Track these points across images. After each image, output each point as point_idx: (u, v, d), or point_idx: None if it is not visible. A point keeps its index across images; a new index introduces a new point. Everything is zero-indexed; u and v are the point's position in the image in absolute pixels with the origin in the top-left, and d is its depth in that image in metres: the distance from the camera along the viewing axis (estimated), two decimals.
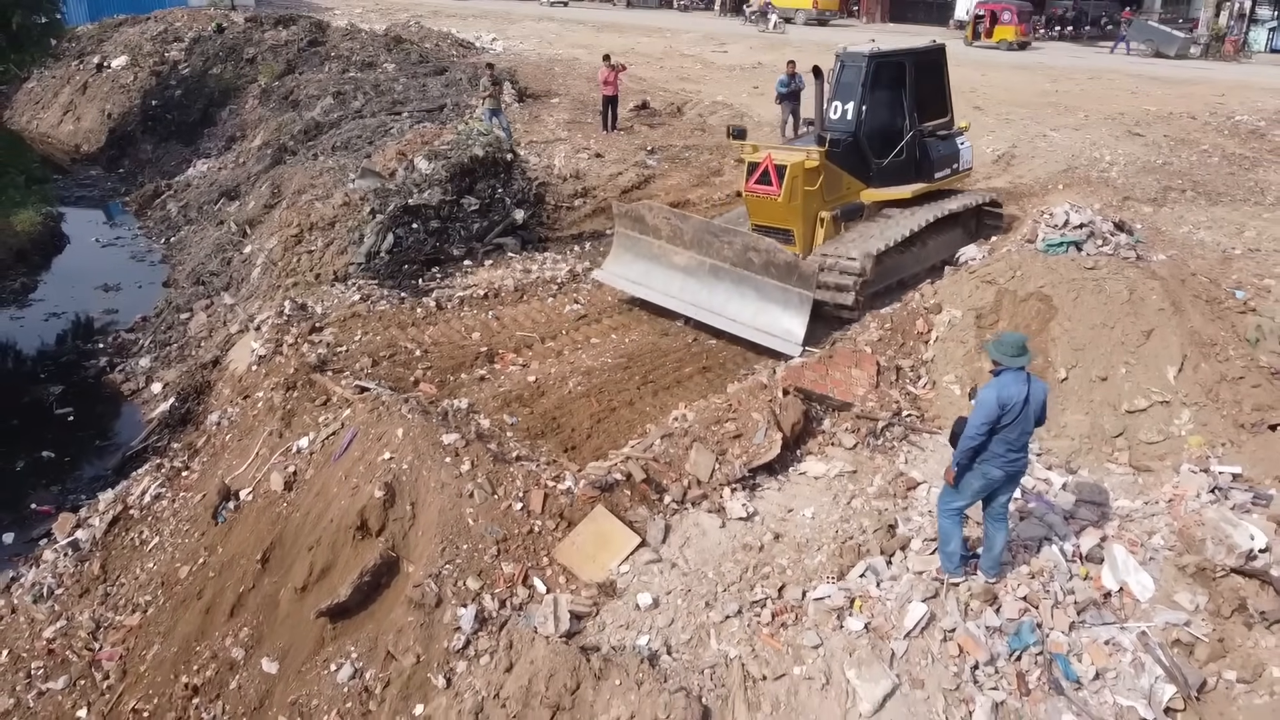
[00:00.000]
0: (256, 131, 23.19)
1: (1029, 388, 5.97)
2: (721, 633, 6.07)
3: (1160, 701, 5.65)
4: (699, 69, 30.04)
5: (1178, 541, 6.75)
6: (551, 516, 6.87)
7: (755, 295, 10.42)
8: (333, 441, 7.85)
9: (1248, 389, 8.02)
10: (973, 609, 6.00)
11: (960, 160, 12.85)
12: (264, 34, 29.90)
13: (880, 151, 11.96)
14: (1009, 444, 5.98)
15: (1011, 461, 6.04)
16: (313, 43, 29.12)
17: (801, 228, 11.25)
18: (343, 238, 13.63)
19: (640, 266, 11.59)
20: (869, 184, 11.95)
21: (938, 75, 12.75)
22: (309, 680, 6.55)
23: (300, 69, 26.99)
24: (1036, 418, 6.08)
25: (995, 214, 13.13)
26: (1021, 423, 5.95)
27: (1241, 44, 36.13)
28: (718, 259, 10.78)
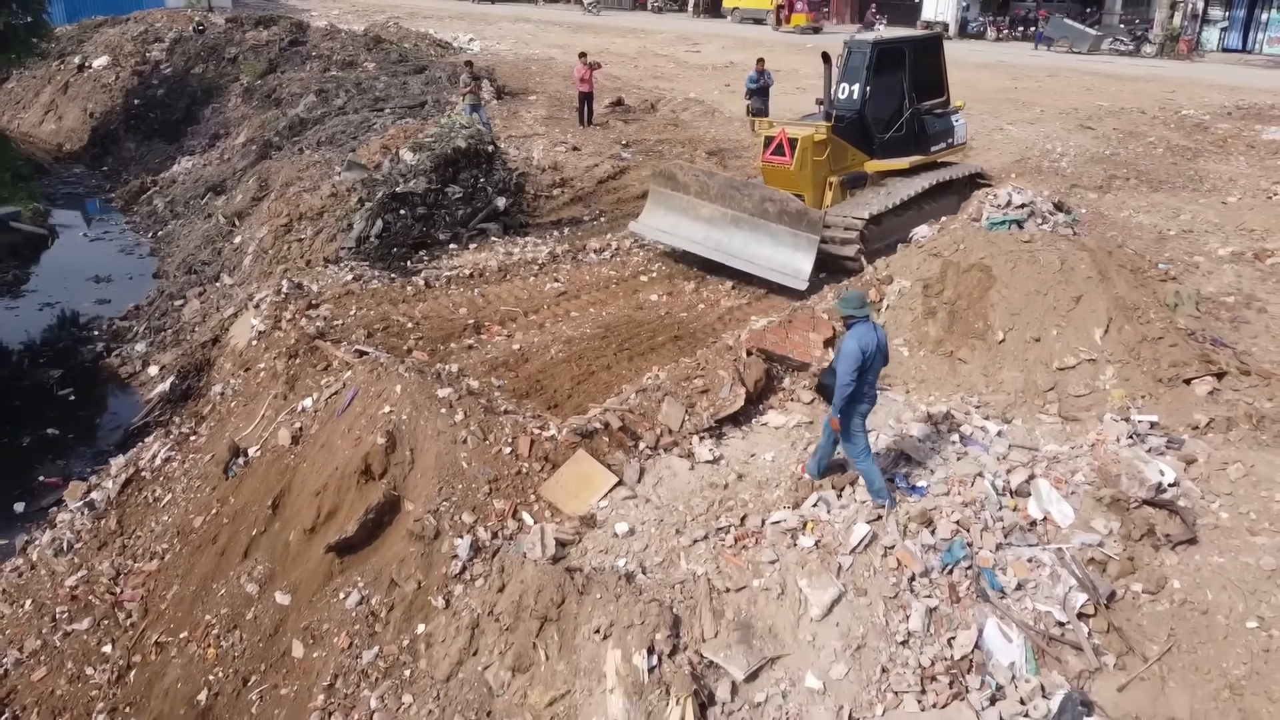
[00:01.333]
0: (240, 128, 23.75)
1: (877, 334, 7.05)
2: (690, 554, 6.85)
3: (1074, 607, 6.45)
4: (672, 68, 30.85)
5: (1097, 477, 7.55)
6: (537, 460, 7.63)
7: (770, 240, 11.98)
8: (335, 400, 8.55)
9: (1166, 348, 8.85)
10: (910, 530, 6.78)
11: (955, 136, 14.34)
12: (245, 34, 30.42)
13: (882, 127, 13.47)
14: (869, 383, 7.08)
15: (873, 398, 7.19)
16: (293, 42, 29.69)
17: (811, 193, 12.84)
18: (331, 226, 14.29)
19: (671, 219, 13.15)
20: (872, 156, 13.51)
21: (935, 60, 14.21)
22: (319, 608, 7.26)
23: (282, 68, 27.57)
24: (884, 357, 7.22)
25: (986, 184, 14.36)
26: (880, 360, 7.11)
27: (1195, 43, 37.41)
28: (738, 210, 12.36)
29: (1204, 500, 7.11)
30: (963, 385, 9.04)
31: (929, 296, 9.79)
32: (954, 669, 6.01)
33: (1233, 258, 11.94)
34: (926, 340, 9.55)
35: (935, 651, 6.08)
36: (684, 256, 13.29)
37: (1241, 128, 20.73)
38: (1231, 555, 6.56)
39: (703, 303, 11.77)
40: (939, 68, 14.27)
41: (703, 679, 6.04)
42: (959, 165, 14.47)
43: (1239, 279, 11.18)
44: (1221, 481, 7.25)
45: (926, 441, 7.95)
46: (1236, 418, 8.07)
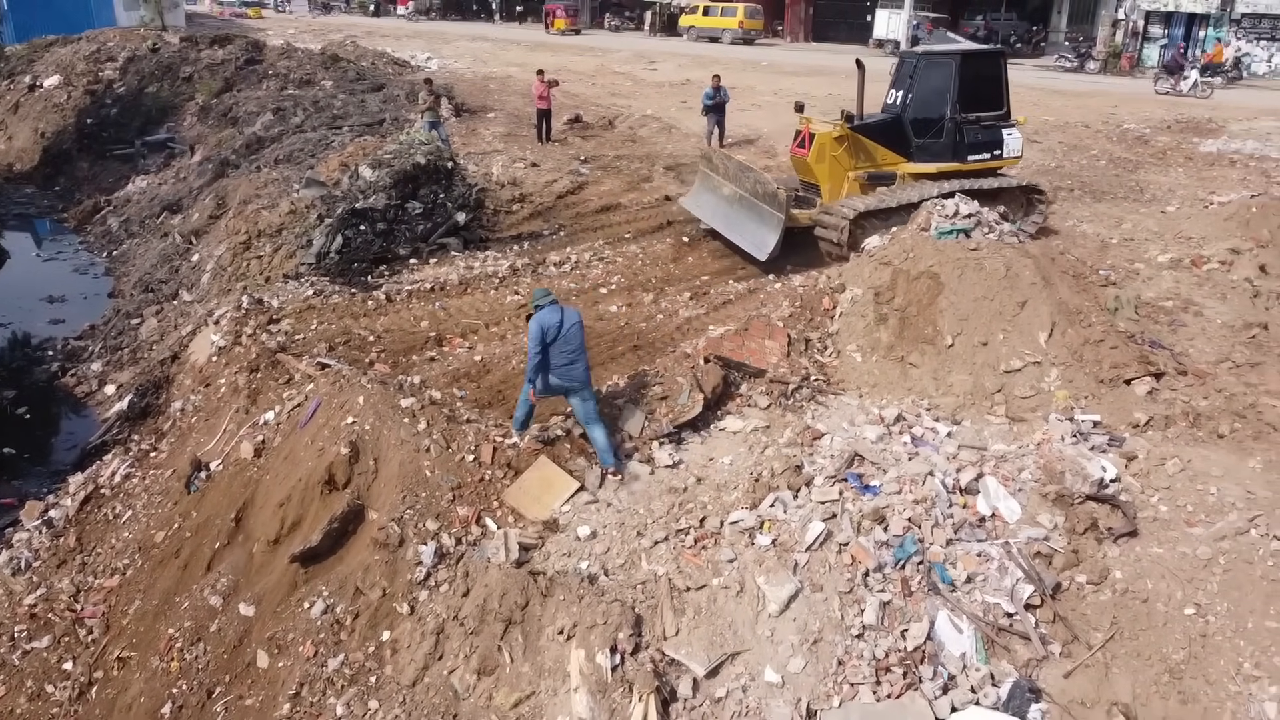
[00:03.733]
0: (197, 147, 23.65)
1: (562, 316, 8.06)
2: (651, 556, 7.01)
3: (1021, 599, 6.69)
4: (630, 85, 31.20)
5: (1042, 475, 7.82)
6: (500, 467, 7.76)
7: (754, 216, 13.54)
8: (298, 412, 8.61)
9: (1107, 350, 9.19)
10: (864, 527, 6.99)
11: (1004, 148, 14.56)
12: (200, 53, 30.29)
13: (919, 132, 14.14)
14: (561, 357, 8.00)
15: (567, 372, 8.06)
16: (249, 61, 29.62)
17: (827, 184, 13.94)
18: (291, 242, 14.32)
19: (705, 197, 15.12)
20: (909, 159, 14.24)
21: (993, 73, 14.56)
22: (284, 618, 7.30)
23: (238, 87, 27.49)
24: (582, 337, 8.15)
25: (1040, 197, 14.72)
26: (564, 341, 8.00)
27: (1136, 60, 38.56)
28: (743, 189, 13.95)
29: (1144, 495, 7.41)
30: (914, 388, 9.31)
31: (880, 304, 10.07)
32: (907, 660, 6.21)
33: (1171, 264, 12.39)
34: (879, 346, 9.83)
35: (889, 643, 6.27)
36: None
37: (1180, 140, 21.46)
38: (1170, 546, 6.85)
39: (661, 313, 11.96)
40: (997, 81, 14.60)
41: (665, 676, 6.19)
42: (1000, 177, 14.73)
43: (1177, 284, 11.61)
44: (1160, 477, 7.55)
45: (880, 443, 8.19)
46: (1174, 416, 8.40)
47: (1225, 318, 10.58)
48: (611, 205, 16.66)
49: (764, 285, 12.88)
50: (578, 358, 8.11)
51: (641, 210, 16.39)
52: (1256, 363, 9.59)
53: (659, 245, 14.75)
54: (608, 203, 16.77)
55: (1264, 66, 37.64)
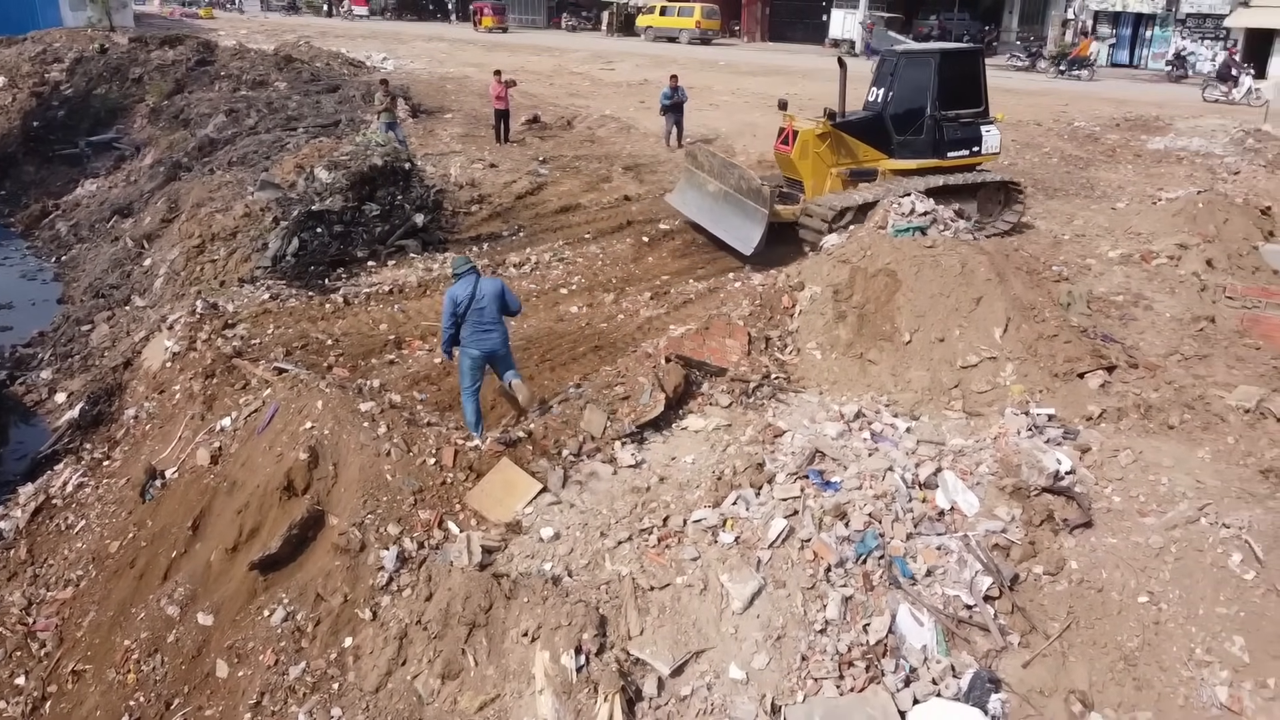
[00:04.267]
0: (148, 150, 23.26)
1: (475, 287, 8.49)
2: (614, 556, 7.00)
3: (980, 590, 6.79)
4: (588, 85, 31.18)
5: (999, 468, 7.93)
6: (462, 469, 7.71)
7: (738, 212, 13.81)
8: (255, 418, 8.50)
9: (1061, 345, 9.34)
10: (826, 523, 7.03)
11: (982, 144, 15.01)
12: (150, 54, 29.80)
13: (900, 129, 14.55)
14: (475, 327, 8.49)
15: (481, 341, 8.55)
16: (201, 62, 29.20)
17: (810, 179, 14.34)
18: (246, 246, 14.14)
19: (691, 193, 15.34)
20: (889, 155, 14.64)
21: (971, 71, 15.00)
22: (244, 627, 7.20)
23: (190, 88, 27.10)
24: (499, 307, 8.60)
25: (1018, 191, 15.16)
26: (478, 312, 8.47)
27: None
28: (727, 185, 14.25)
29: (1098, 486, 7.54)
30: (873, 385, 9.40)
31: (839, 301, 10.15)
32: (870, 654, 6.27)
33: (1121, 259, 12.63)
34: (838, 343, 9.91)
35: (852, 638, 6.33)
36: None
37: (1129, 138, 21.89)
38: (1123, 536, 6.98)
39: (622, 313, 11.98)
40: (975, 79, 14.98)
41: (630, 675, 6.19)
42: (979, 172, 15.09)
43: (1127, 279, 11.85)
44: (1113, 468, 7.69)
45: (840, 439, 8.26)
46: (1126, 408, 8.56)
47: (1174, 311, 10.81)
48: (571, 206, 16.66)
49: (724, 284, 12.95)
50: (493, 328, 8.57)
51: (601, 210, 16.40)
52: (1204, 355, 9.80)
53: (619, 245, 14.76)
54: (567, 203, 16.77)
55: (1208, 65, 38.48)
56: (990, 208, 14.87)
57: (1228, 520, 6.77)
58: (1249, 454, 7.70)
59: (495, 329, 8.61)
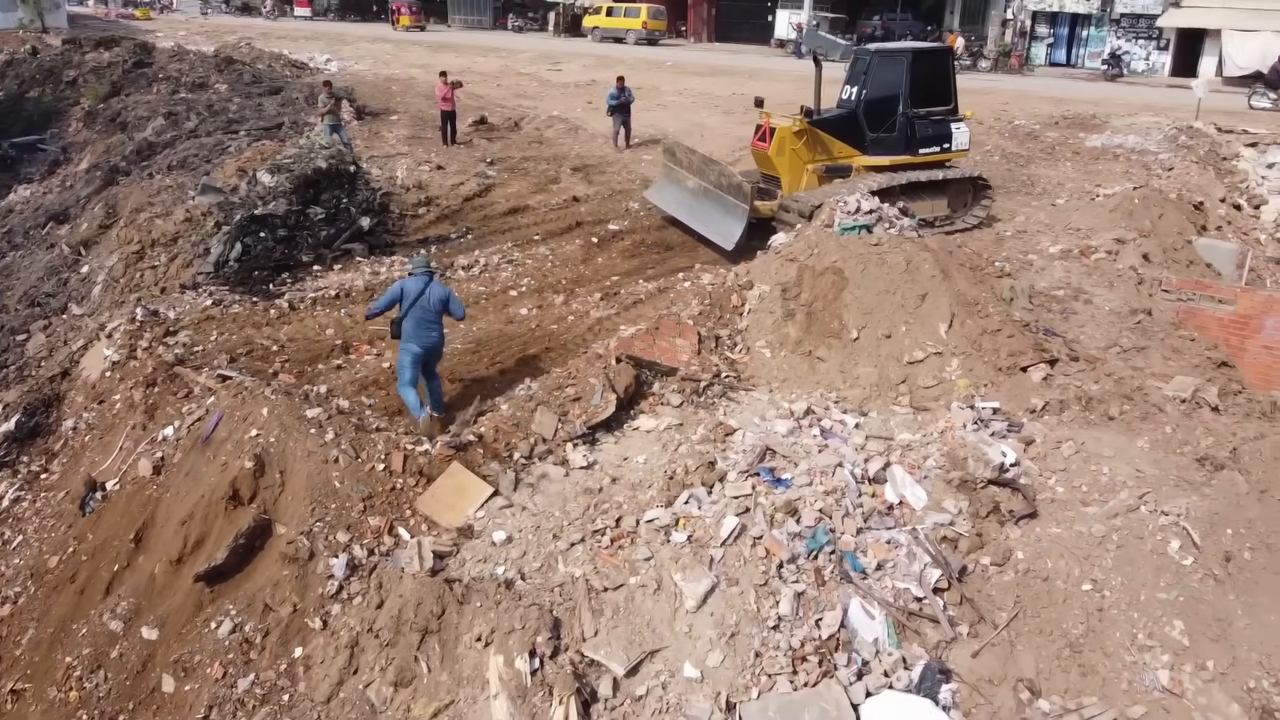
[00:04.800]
0: (84, 154, 22.70)
1: (427, 287, 8.94)
2: (567, 558, 6.98)
3: (929, 582, 6.88)
4: (535, 86, 31.08)
5: (946, 462, 8.05)
6: (412, 474, 7.64)
7: (718, 207, 14.06)
8: (199, 427, 8.33)
9: (1004, 339, 9.51)
10: (777, 520, 7.09)
11: (952, 141, 15.48)
12: (84, 56, 29.12)
13: (873, 126, 14.90)
14: (417, 323, 8.87)
15: (421, 338, 8.94)
16: (138, 64, 28.57)
17: (787, 176, 14.65)
18: (187, 251, 13.86)
19: (670, 189, 15.64)
20: (863, 151, 15.00)
21: (942, 70, 15.53)
22: (190, 640, 7.06)
23: (127, 91, 26.49)
24: (440, 310, 9.03)
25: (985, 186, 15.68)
26: (421, 309, 8.88)
27: (1025, 58, 40.05)
28: (706, 181, 14.52)
29: (1042, 477, 7.69)
30: (822, 382, 9.49)
31: (787, 300, 10.24)
32: (822, 649, 6.32)
33: (1062, 255, 12.90)
34: (787, 341, 9.99)
35: (804, 633, 6.38)
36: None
37: (1068, 136, 22.36)
38: (1067, 525, 7.13)
39: (572, 315, 11.95)
40: (945, 77, 15.45)
41: (585, 677, 6.18)
42: (950, 168, 15.47)
43: (1067, 274, 12.09)
44: (1056, 459, 7.85)
45: (790, 436, 8.33)
46: (1068, 400, 8.74)
47: (1113, 305, 11.06)
48: (519, 207, 16.60)
49: (674, 284, 12.98)
50: (434, 328, 9.08)
51: (550, 212, 16.36)
52: (1142, 347, 10.04)
53: (568, 246, 14.73)
54: (516, 205, 16.70)
55: (1142, 64, 39.49)
56: (959, 203, 15.32)
57: (1166, 508, 6.95)
58: (1185, 443, 7.90)
59: (436, 329, 9.10)
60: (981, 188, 15.50)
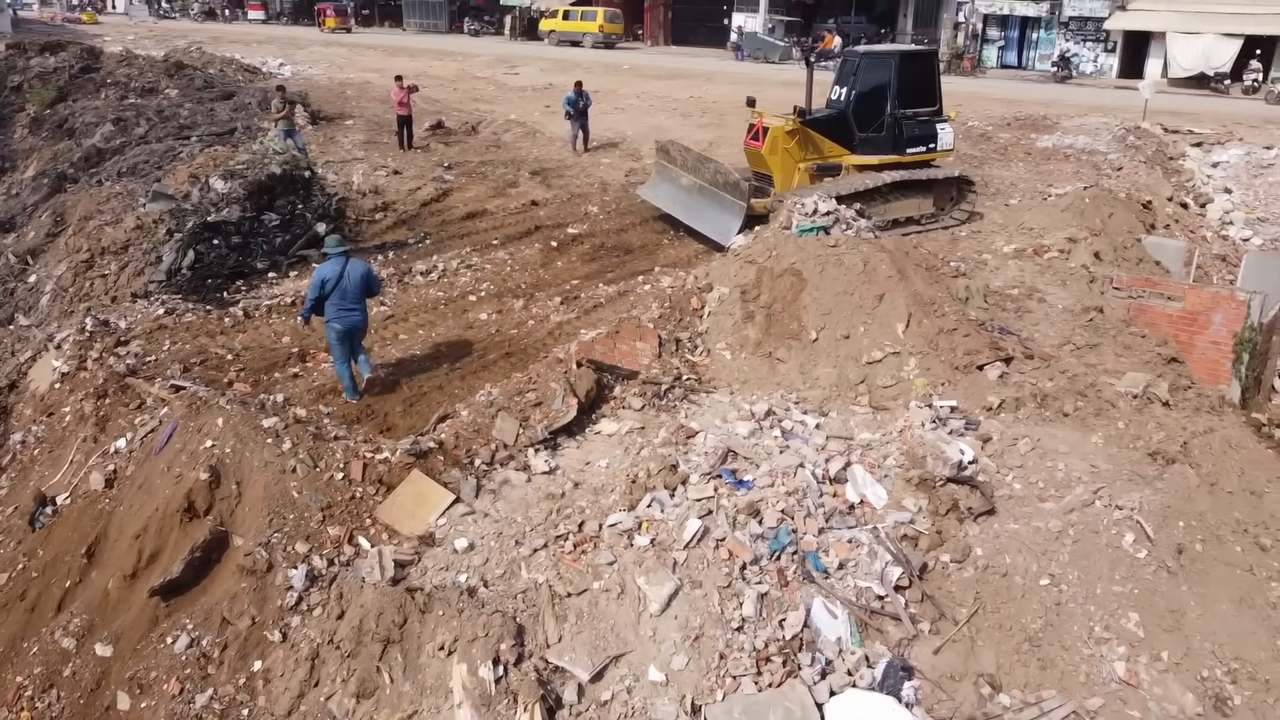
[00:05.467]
0: (29, 161, 22.19)
1: (345, 268, 9.40)
2: (530, 564, 6.95)
3: (890, 581, 6.94)
4: (492, 90, 30.94)
5: (906, 460, 8.12)
6: (371, 483, 7.56)
7: (715, 204, 14.35)
8: (152, 438, 8.17)
9: (960, 338, 9.62)
10: (739, 521, 7.11)
11: (937, 141, 15.91)
12: (29, 61, 28.45)
13: (862, 126, 15.27)
14: (339, 306, 9.35)
15: (344, 318, 9.41)
16: (85, 69, 27.96)
17: (779, 174, 14.95)
18: (138, 259, 13.61)
19: (664, 186, 15.91)
20: (852, 151, 15.36)
21: (927, 71, 15.95)
22: (146, 656, 6.91)
23: (74, 96, 25.93)
24: (363, 288, 9.56)
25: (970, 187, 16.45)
26: (342, 291, 9.34)
27: (977, 61, 40.62)
28: (702, 179, 14.84)
29: (999, 474, 7.80)
30: (782, 383, 9.54)
31: (747, 301, 10.28)
32: (786, 649, 6.35)
33: (1015, 254, 13.09)
34: (747, 343, 10.03)
35: (768, 634, 6.40)
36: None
37: (1019, 137, 22.70)
38: (1024, 521, 7.23)
39: (532, 319, 11.90)
40: (930, 79, 15.88)
41: (549, 683, 6.15)
42: (935, 168, 15.90)
43: (1021, 273, 12.27)
44: (1013, 456, 7.96)
45: (751, 438, 8.36)
46: (1023, 398, 8.86)
47: (1065, 303, 11.23)
48: (478, 212, 16.50)
49: (634, 288, 12.97)
50: (356, 306, 9.50)
51: (509, 216, 16.29)
52: (1094, 344, 10.21)
53: (527, 251, 14.68)
54: (474, 209, 16.60)
55: (1090, 66, 40.23)
56: (944, 201, 15.80)
57: (1120, 502, 7.08)
58: (1138, 437, 8.05)
59: (358, 308, 9.54)
60: (966, 187, 16.16)
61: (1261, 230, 17.51)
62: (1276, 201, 18.50)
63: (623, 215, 16.59)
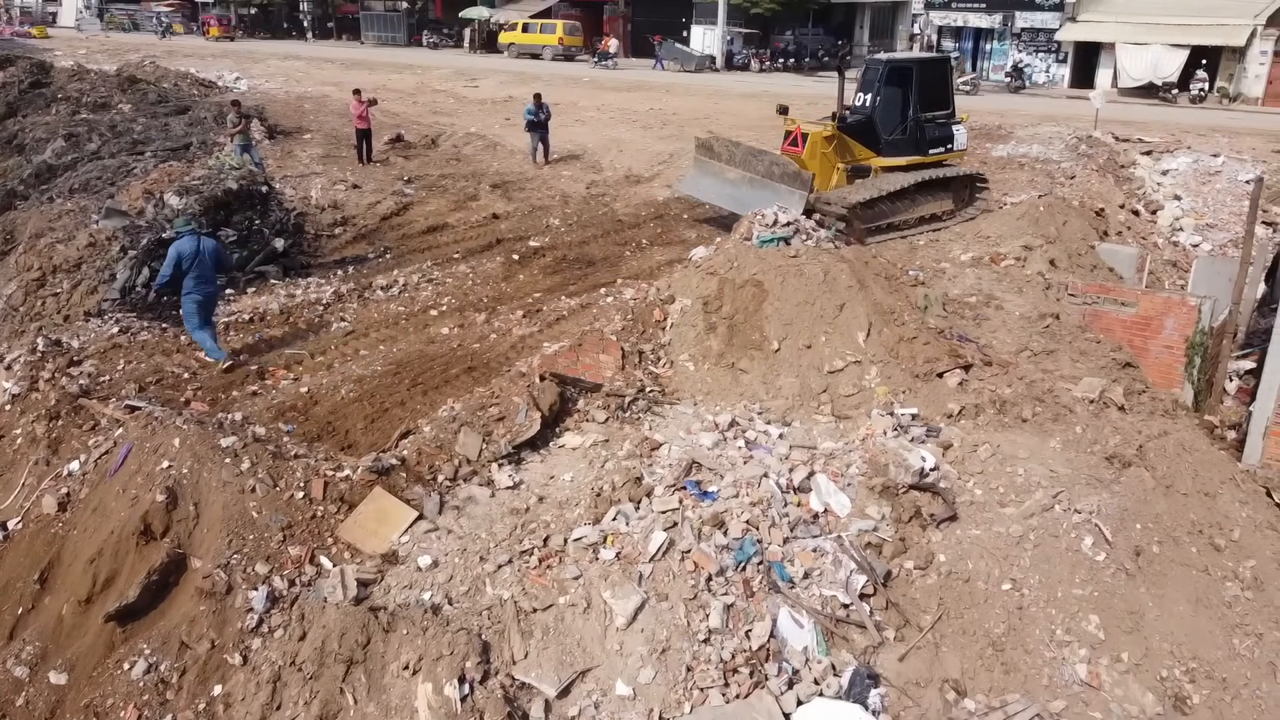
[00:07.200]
0: None
1: (199, 244, 10.55)
2: (495, 580, 6.89)
3: (855, 589, 6.97)
4: (451, 103, 30.87)
5: (869, 468, 8.18)
6: (333, 501, 7.45)
7: (772, 195, 14.69)
8: (106, 460, 8.00)
9: (920, 346, 9.71)
10: (705, 533, 7.12)
11: (954, 142, 17.22)
12: None
13: (888, 130, 16.27)
14: (197, 279, 10.46)
15: (202, 289, 10.53)
16: (35, 84, 27.51)
17: (820, 177, 15.68)
18: (91, 278, 13.34)
19: (707, 180, 16.60)
20: (879, 153, 16.33)
21: (942, 77, 17.20)
22: (102, 683, 6.75)
23: (23, 111, 25.47)
24: (216, 263, 10.75)
25: (983, 185, 17.40)
26: (199, 267, 10.47)
27: None
28: (754, 172, 15.62)
29: (960, 480, 7.87)
30: (745, 394, 9.57)
31: (709, 313, 10.31)
32: (753, 659, 6.36)
33: (973, 262, 13.25)
34: (709, 354, 10.05)
35: (735, 645, 6.40)
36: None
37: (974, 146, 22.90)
38: (986, 527, 7.30)
39: (495, 333, 11.85)
40: (945, 84, 17.10)
41: (516, 701, 6.10)
42: (954, 167, 17.12)
43: (979, 281, 12.42)
44: (974, 462, 8.03)
45: (715, 449, 8.38)
46: (983, 404, 8.96)
47: (1022, 310, 11.39)
48: (438, 225, 16.44)
49: (596, 300, 12.97)
50: (212, 280, 10.64)
51: (470, 229, 16.24)
52: (1051, 350, 10.36)
53: (489, 264, 14.63)
54: (434, 223, 16.54)
55: (1043, 76, 40.98)
56: (960, 199, 16.75)
57: (1079, 506, 7.18)
58: (1095, 442, 8.17)
59: (213, 281, 10.70)
60: (978, 184, 17.10)
61: (1210, 236, 17.92)
62: (1224, 208, 18.94)
63: (584, 228, 16.60)
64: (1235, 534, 7.09)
